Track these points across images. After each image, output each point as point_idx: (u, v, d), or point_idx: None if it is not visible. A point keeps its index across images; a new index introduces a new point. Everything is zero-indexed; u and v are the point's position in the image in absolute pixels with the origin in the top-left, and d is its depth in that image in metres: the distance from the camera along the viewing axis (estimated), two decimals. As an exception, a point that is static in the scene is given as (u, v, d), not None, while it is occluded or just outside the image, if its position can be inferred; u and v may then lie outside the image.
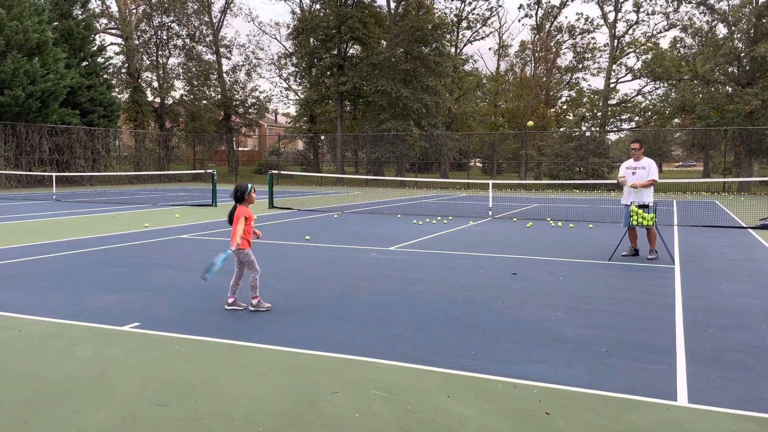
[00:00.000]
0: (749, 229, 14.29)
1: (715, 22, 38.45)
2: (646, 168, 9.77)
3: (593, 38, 49.76)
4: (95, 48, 38.22)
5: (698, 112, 36.84)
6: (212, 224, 14.64)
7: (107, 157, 37.31)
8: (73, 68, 34.45)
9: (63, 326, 5.77)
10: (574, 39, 49.93)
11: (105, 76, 39.16)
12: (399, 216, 17.29)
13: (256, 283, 6.39)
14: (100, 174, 33.05)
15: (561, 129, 46.92)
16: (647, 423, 3.71)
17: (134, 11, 46.61)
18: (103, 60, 39.42)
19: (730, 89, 37.23)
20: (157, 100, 49.65)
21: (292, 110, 63.14)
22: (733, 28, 36.44)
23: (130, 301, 6.75)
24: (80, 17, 36.99)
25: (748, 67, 36.28)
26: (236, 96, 53.38)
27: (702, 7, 38.83)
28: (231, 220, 6.52)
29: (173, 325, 5.80)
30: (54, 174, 25.89)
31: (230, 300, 6.44)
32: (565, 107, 53.06)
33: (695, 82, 39.13)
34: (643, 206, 9.61)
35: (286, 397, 4.08)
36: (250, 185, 6.53)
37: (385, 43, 42.93)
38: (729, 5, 36.67)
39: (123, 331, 5.61)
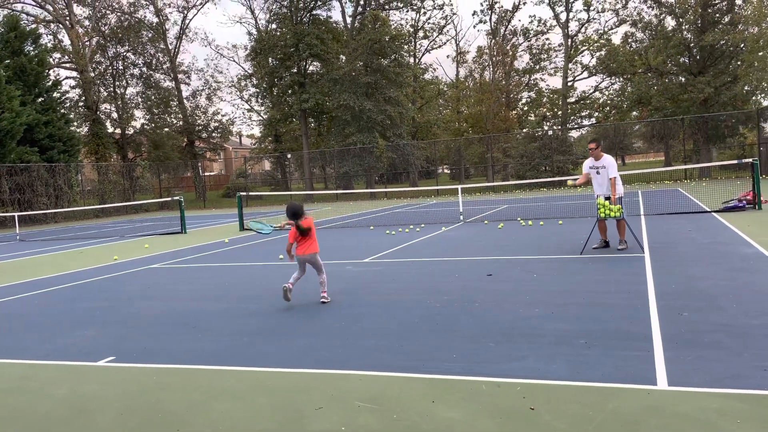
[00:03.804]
0: (713, 213, 14.64)
1: (663, 15, 39.50)
2: (606, 167, 9.92)
3: (548, 39, 50.67)
4: (50, 83, 37.59)
5: (654, 103, 37.75)
6: (183, 251, 14.45)
7: (70, 192, 36.59)
8: (28, 105, 33.79)
9: (36, 367, 5.62)
10: (529, 41, 50.80)
11: (62, 110, 38.49)
12: (371, 228, 17.29)
13: (325, 281, 7.50)
14: (64, 210, 32.38)
15: (524, 130, 47.58)
16: (630, 409, 3.75)
17: (87, 43, 45.99)
18: (59, 95, 38.78)
19: (683, 79, 38.22)
20: (118, 131, 48.95)
21: (257, 131, 62.90)
22: (680, 19, 37.47)
23: (104, 335, 6.61)
24: (32, 53, 36.38)
25: (698, 57, 37.31)
26: (198, 121, 52.90)
27: (649, 1, 39.88)
28: (305, 231, 7.34)
29: (150, 356, 5.70)
30: (16, 214, 25.29)
31: (291, 285, 7.30)
32: (526, 108, 53.84)
33: (649, 74, 40.09)
34: (609, 198, 9.77)
35: (270, 418, 4.03)
36: (301, 204, 7.52)
37: (344, 57, 43.11)
38: (675, -3, 37.74)
39: (98, 367, 5.48)
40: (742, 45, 34.60)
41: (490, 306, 6.66)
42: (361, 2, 44.14)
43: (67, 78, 47.76)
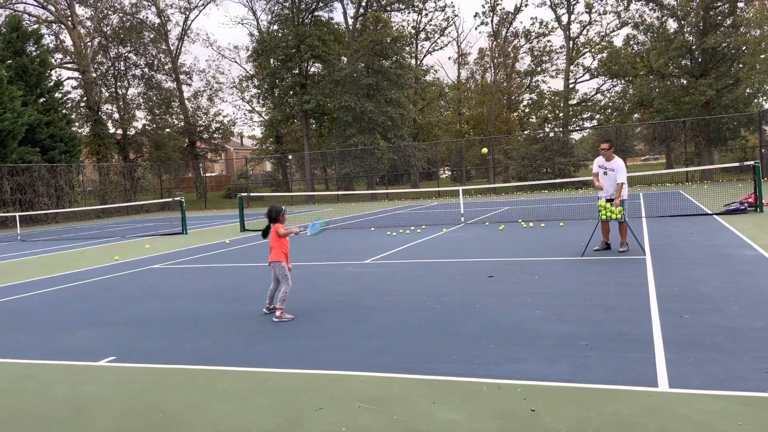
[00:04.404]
0: (714, 216, 14.63)
1: (665, 17, 39.51)
2: (615, 170, 9.89)
3: (549, 41, 50.37)
4: (52, 84, 37.66)
5: (656, 105, 37.74)
6: (184, 252, 14.46)
7: (71, 193, 36.64)
8: (30, 105, 33.85)
9: (36, 366, 5.62)
10: (530, 43, 50.81)
11: (64, 111, 38.56)
12: (372, 229, 17.29)
13: (285, 296, 6.84)
14: (65, 210, 32.41)
15: (525, 132, 47.57)
16: (630, 411, 3.75)
17: (90, 44, 46.07)
18: (60, 95, 38.84)
19: (684, 82, 38.22)
20: (119, 131, 49.02)
21: (258, 132, 62.98)
22: (682, 22, 37.47)
23: (105, 335, 6.61)
24: (34, 54, 36.45)
25: (700, 59, 37.31)
26: (200, 122, 52.98)
27: (651, 4, 39.88)
28: (265, 234, 7.31)
29: (150, 356, 5.70)
30: (17, 214, 25.30)
31: (269, 306, 7.06)
32: (527, 110, 53.84)
33: (651, 77, 40.08)
34: (610, 200, 9.77)
35: (270, 418, 4.03)
36: (283, 207, 7.20)
37: (345, 59, 43.15)
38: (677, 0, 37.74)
39: (99, 367, 5.49)
40: (743, 47, 34.60)
41: (490, 307, 6.66)
42: (363, 4, 44.20)
43: (68, 78, 47.88)
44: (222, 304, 7.93)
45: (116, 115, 49.24)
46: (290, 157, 50.52)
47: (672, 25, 39.41)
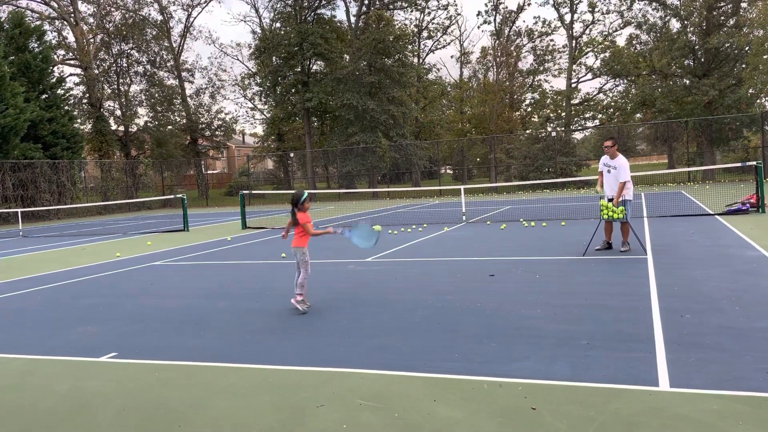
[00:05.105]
0: (716, 216, 14.62)
1: (668, 17, 39.43)
2: (618, 168, 9.85)
3: (552, 40, 50.37)
4: (54, 80, 37.68)
5: (659, 105, 37.69)
6: (185, 249, 14.47)
7: (73, 189, 36.67)
8: (32, 102, 33.88)
9: (38, 362, 5.63)
10: (533, 42, 50.79)
11: (66, 107, 38.57)
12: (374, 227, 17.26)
13: (305, 282, 6.95)
14: (67, 207, 32.44)
15: (527, 131, 47.52)
16: (631, 410, 3.75)
17: (92, 40, 46.07)
18: (63, 91, 38.87)
19: (687, 82, 38.16)
20: (121, 128, 49.04)
21: (260, 130, 63.02)
22: (685, 21, 37.41)
23: (106, 331, 6.63)
24: (37, 50, 36.46)
25: (703, 59, 37.25)
26: (202, 119, 52.98)
27: (654, 3, 39.82)
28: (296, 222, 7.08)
29: (152, 352, 5.71)
30: (19, 210, 25.32)
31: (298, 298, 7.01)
32: (529, 109, 53.81)
33: (653, 76, 40.02)
34: (611, 200, 9.75)
35: (271, 415, 4.04)
36: (306, 192, 7.11)
37: (347, 57, 43.12)
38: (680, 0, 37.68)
39: (101, 362, 5.50)
40: (746, 48, 34.53)
41: (492, 306, 6.66)
42: (366, 2, 44.16)
43: (71, 75, 47.71)
44: (224, 301, 7.94)
45: (118, 112, 49.29)
46: (292, 154, 50.52)
47: (675, 24, 39.37)
